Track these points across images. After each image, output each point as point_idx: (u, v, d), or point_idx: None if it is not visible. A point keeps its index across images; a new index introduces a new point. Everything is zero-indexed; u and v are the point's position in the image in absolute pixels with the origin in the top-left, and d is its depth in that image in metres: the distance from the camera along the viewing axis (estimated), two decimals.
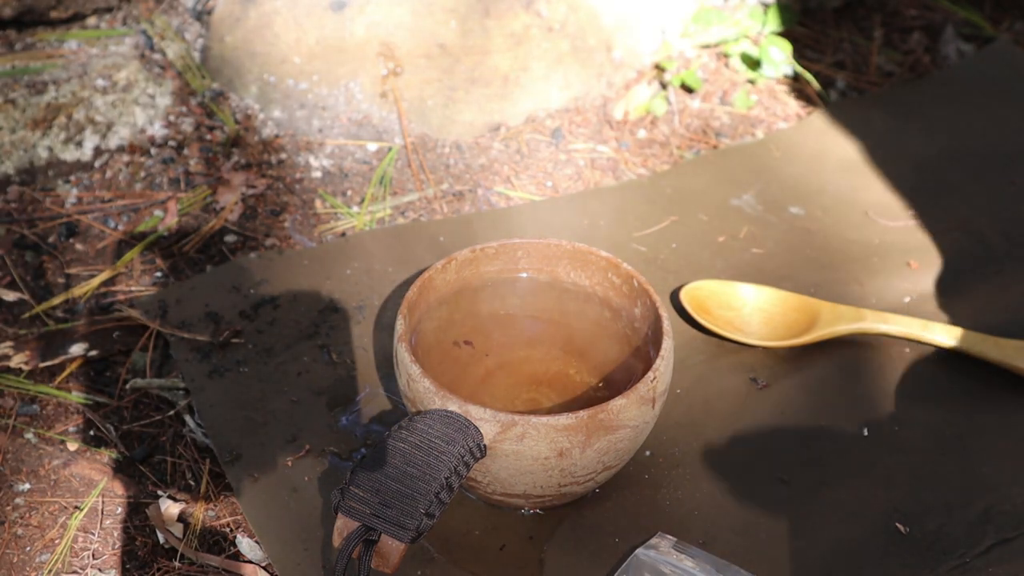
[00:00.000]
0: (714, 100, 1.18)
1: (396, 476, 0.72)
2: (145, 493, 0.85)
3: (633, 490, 0.84)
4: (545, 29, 1.15)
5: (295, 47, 1.13)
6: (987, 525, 0.82)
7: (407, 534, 0.71)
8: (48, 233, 1.03)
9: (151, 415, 0.90)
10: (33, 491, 0.85)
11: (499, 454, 0.76)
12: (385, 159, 1.10)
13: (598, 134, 1.14)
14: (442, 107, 1.13)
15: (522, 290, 0.89)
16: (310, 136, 1.12)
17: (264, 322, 0.95)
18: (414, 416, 0.76)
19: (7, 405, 0.90)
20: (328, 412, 0.89)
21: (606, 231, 1.03)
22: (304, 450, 0.86)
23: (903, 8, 1.30)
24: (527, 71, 1.15)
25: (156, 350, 0.94)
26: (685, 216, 1.06)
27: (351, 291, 0.98)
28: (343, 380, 0.91)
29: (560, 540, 0.81)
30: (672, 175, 1.09)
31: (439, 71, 1.13)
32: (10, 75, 1.14)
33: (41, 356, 0.93)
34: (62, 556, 0.81)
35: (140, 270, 1.00)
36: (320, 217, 1.05)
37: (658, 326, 0.83)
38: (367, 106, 1.12)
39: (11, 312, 0.97)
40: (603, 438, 0.77)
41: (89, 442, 0.88)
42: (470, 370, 0.88)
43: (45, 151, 1.08)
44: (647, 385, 0.78)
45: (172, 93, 1.15)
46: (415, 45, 1.13)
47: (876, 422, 0.89)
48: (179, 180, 1.08)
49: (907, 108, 1.17)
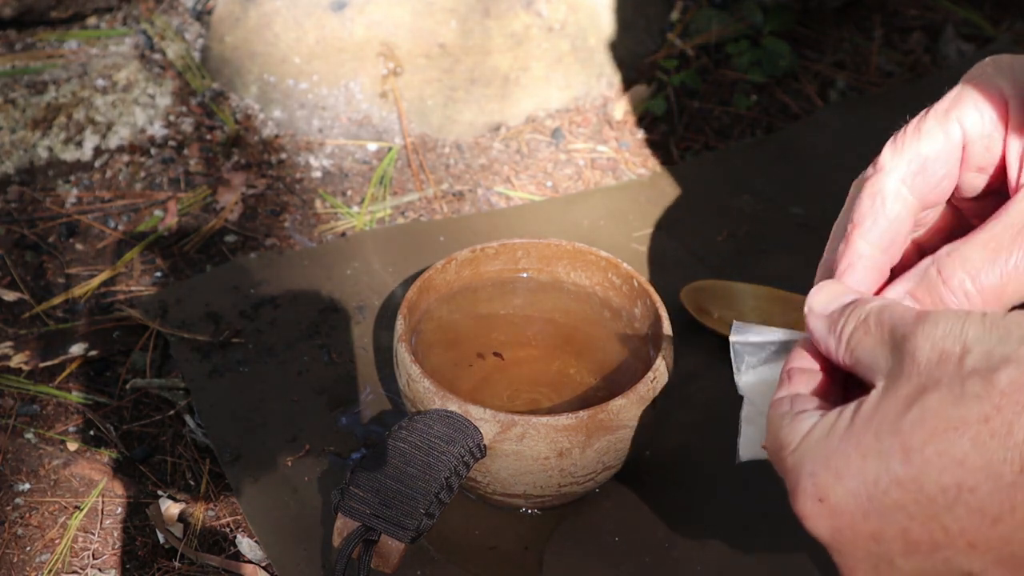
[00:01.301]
0: (714, 100, 1.18)
1: (396, 476, 0.72)
2: (145, 493, 0.85)
3: (633, 490, 0.84)
4: (545, 29, 1.15)
5: (295, 47, 1.13)
6: None
7: (407, 534, 0.71)
8: (48, 233, 1.03)
9: (151, 415, 0.90)
10: (33, 491, 0.85)
11: (499, 454, 0.76)
12: (385, 159, 1.10)
13: (598, 134, 1.14)
14: (442, 107, 1.13)
15: (522, 290, 0.89)
16: (310, 136, 1.12)
17: (264, 322, 0.95)
18: (414, 416, 0.76)
19: (7, 405, 0.90)
20: (328, 412, 0.89)
21: (606, 231, 1.03)
22: (304, 450, 0.86)
23: (903, 8, 1.30)
24: (527, 71, 1.15)
25: (156, 350, 0.94)
26: (685, 216, 1.06)
27: (351, 291, 0.98)
28: (343, 380, 0.91)
29: (560, 540, 0.81)
30: (672, 175, 1.09)
31: (439, 71, 1.13)
32: (10, 75, 1.14)
33: (41, 356, 0.93)
34: (62, 556, 0.81)
35: (140, 270, 1.00)
36: (320, 217, 1.05)
37: (658, 326, 0.83)
38: (367, 106, 1.12)
39: (11, 312, 0.97)
40: (603, 438, 0.77)
41: (89, 442, 0.88)
42: (470, 370, 0.88)
43: (45, 151, 1.08)
44: (647, 385, 0.78)
45: (172, 93, 1.15)
46: (415, 45, 1.13)
47: None
48: (179, 180, 1.08)
49: (907, 108, 1.17)
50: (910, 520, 0.52)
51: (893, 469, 0.52)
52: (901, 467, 0.51)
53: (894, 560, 0.53)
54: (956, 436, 0.50)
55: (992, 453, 0.49)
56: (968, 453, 0.50)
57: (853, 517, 0.53)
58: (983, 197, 0.70)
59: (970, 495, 0.50)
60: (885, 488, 0.52)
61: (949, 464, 0.50)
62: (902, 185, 0.68)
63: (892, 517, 0.52)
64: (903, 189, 0.68)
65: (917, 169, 0.67)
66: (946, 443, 0.50)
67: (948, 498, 0.50)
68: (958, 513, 0.50)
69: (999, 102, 0.66)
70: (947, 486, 0.50)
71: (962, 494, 0.50)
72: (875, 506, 0.52)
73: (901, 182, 0.68)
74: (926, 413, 0.51)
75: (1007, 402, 0.50)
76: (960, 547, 0.51)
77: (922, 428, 0.51)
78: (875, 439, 0.53)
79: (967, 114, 0.67)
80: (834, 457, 0.54)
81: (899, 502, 0.52)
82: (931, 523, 0.51)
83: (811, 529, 0.55)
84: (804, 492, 0.55)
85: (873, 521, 0.53)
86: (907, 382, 0.54)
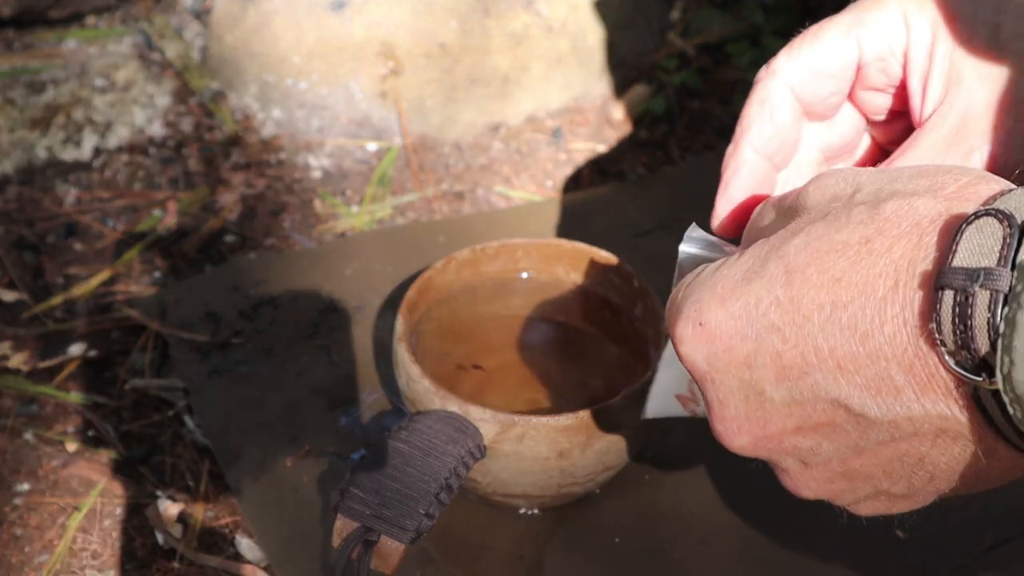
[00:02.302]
0: (714, 100, 1.18)
1: (396, 476, 0.72)
2: (144, 494, 0.85)
3: (633, 490, 0.84)
4: (545, 28, 1.15)
5: (294, 47, 1.13)
6: (986, 525, 0.82)
7: (406, 535, 0.71)
8: (47, 233, 1.03)
9: (150, 415, 0.90)
10: (32, 492, 0.85)
11: (499, 454, 0.76)
12: (385, 159, 1.10)
13: (598, 134, 1.14)
14: (442, 107, 1.13)
15: (522, 290, 0.89)
16: (309, 136, 1.12)
17: (264, 322, 0.95)
18: (414, 416, 0.76)
19: (6, 405, 0.90)
20: (328, 412, 0.89)
21: (606, 231, 1.03)
22: (304, 450, 0.86)
23: None
24: (527, 71, 1.14)
25: (155, 350, 0.94)
26: (685, 216, 1.05)
27: (351, 291, 0.97)
28: (343, 380, 0.91)
29: (560, 540, 0.81)
30: (672, 175, 1.09)
31: (439, 71, 1.13)
32: (9, 75, 1.14)
33: (40, 356, 0.93)
34: (61, 557, 0.81)
35: (139, 270, 1.00)
36: (319, 217, 1.05)
37: (658, 326, 0.83)
38: (367, 106, 1.12)
39: (10, 312, 0.97)
40: (603, 438, 0.77)
41: (88, 442, 0.88)
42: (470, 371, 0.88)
43: (44, 151, 1.08)
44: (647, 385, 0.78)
45: (171, 93, 1.15)
46: (415, 45, 1.13)
47: None
48: (178, 180, 1.08)
49: None
50: (784, 343, 0.51)
51: (774, 291, 0.52)
52: (782, 288, 0.51)
53: (764, 389, 0.52)
54: (836, 257, 0.50)
55: (868, 269, 0.49)
56: (846, 271, 0.50)
57: (730, 340, 0.53)
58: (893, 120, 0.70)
59: (843, 311, 0.50)
60: (764, 310, 0.52)
61: (826, 282, 0.50)
62: (791, 93, 0.68)
63: (767, 339, 0.52)
64: (791, 97, 0.68)
65: (808, 79, 0.68)
66: (827, 263, 0.50)
67: (822, 316, 0.50)
68: (830, 332, 0.50)
69: (900, 27, 0.66)
70: (822, 303, 0.50)
71: (835, 311, 0.50)
72: (752, 328, 0.52)
73: (790, 90, 0.68)
74: (810, 237, 0.52)
75: (889, 226, 0.50)
76: (829, 369, 0.50)
77: (806, 251, 0.51)
78: (760, 264, 0.53)
79: (866, 34, 0.66)
80: (720, 283, 0.54)
81: (775, 323, 0.51)
82: (804, 344, 0.51)
83: (686, 356, 0.55)
84: (685, 318, 0.54)
85: (749, 344, 0.52)
86: (797, 219, 0.54)
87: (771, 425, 0.53)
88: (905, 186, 0.51)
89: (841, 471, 0.54)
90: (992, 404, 0.48)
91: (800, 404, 0.52)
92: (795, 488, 0.56)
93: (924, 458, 0.51)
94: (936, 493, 0.54)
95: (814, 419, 0.52)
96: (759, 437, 0.54)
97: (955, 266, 0.47)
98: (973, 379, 0.47)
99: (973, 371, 0.47)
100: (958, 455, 0.51)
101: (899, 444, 0.51)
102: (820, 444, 0.53)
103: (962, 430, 0.49)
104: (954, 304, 0.47)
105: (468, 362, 0.87)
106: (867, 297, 0.49)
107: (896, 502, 0.55)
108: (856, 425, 0.51)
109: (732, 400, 0.54)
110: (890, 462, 0.52)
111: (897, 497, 0.54)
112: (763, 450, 0.55)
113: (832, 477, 0.54)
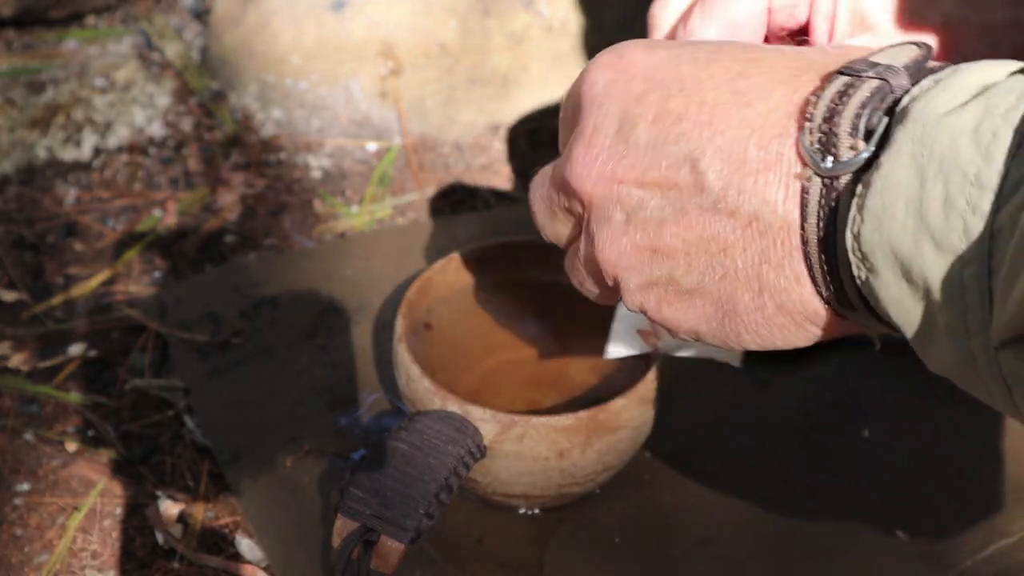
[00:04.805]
0: None
1: (396, 477, 0.72)
2: (144, 494, 0.85)
3: (633, 490, 0.84)
4: (545, 28, 1.15)
5: (294, 47, 1.13)
6: (987, 528, 0.82)
7: (406, 535, 0.71)
8: (47, 233, 1.03)
9: (150, 415, 0.90)
10: (32, 492, 0.85)
11: (499, 454, 0.76)
12: (385, 159, 1.10)
13: None
14: (442, 107, 1.13)
15: (522, 290, 0.89)
16: (309, 136, 1.12)
17: (264, 322, 0.95)
18: (414, 416, 0.76)
19: (6, 405, 0.90)
20: (328, 412, 0.89)
21: None
22: (304, 450, 0.86)
23: None
24: (527, 71, 1.14)
25: (155, 350, 0.94)
26: None
27: (351, 291, 0.97)
28: (343, 380, 0.91)
29: (560, 540, 0.81)
30: None
31: (439, 71, 1.13)
32: (9, 75, 1.14)
33: (40, 356, 0.93)
34: (61, 557, 0.81)
35: (139, 270, 1.00)
36: (319, 217, 1.05)
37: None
38: (367, 106, 1.12)
39: (10, 312, 0.97)
40: (603, 438, 0.77)
41: (88, 442, 0.88)
42: (470, 370, 0.88)
43: (44, 151, 1.08)
44: (647, 385, 0.78)
45: (171, 93, 1.15)
46: (415, 45, 1.13)
47: (877, 423, 0.89)
48: (178, 180, 1.08)
49: None
50: (680, 91, 0.53)
51: (699, 53, 0.54)
52: (706, 54, 0.54)
53: (638, 125, 0.54)
54: (766, 50, 0.54)
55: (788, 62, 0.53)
56: (767, 55, 0.53)
57: (635, 76, 0.55)
58: None
59: (744, 80, 0.53)
60: (681, 62, 0.54)
61: (746, 59, 0.53)
62: None
63: (667, 84, 0.54)
64: None
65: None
66: (755, 51, 0.54)
67: (725, 79, 0.53)
68: (723, 92, 0.53)
69: None
70: (731, 69, 0.53)
71: (739, 80, 0.53)
72: (661, 74, 0.54)
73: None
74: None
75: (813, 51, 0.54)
76: (701, 122, 0.52)
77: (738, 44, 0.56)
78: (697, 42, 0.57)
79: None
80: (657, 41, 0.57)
81: (684, 74, 0.54)
82: (695, 95, 0.53)
83: (590, 77, 0.56)
84: (611, 50, 0.57)
85: (650, 84, 0.54)
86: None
87: (623, 164, 0.55)
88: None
89: (650, 242, 0.55)
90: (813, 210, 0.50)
91: (656, 151, 0.54)
92: (603, 244, 0.56)
93: (727, 249, 0.52)
94: (720, 311, 0.54)
95: (660, 172, 0.53)
96: (606, 175, 0.55)
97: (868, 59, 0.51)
98: (815, 164, 0.49)
99: (819, 154, 0.49)
100: (755, 259, 0.52)
101: (715, 219, 0.52)
102: (651, 199, 0.54)
103: (773, 222, 0.51)
104: (844, 87, 0.50)
105: (467, 364, 0.87)
106: (771, 76, 0.52)
107: (676, 300, 0.55)
108: (691, 187, 0.53)
109: (606, 128, 0.55)
110: (699, 241, 0.53)
111: (682, 293, 0.55)
112: (600, 191, 0.55)
113: (641, 245, 0.55)
